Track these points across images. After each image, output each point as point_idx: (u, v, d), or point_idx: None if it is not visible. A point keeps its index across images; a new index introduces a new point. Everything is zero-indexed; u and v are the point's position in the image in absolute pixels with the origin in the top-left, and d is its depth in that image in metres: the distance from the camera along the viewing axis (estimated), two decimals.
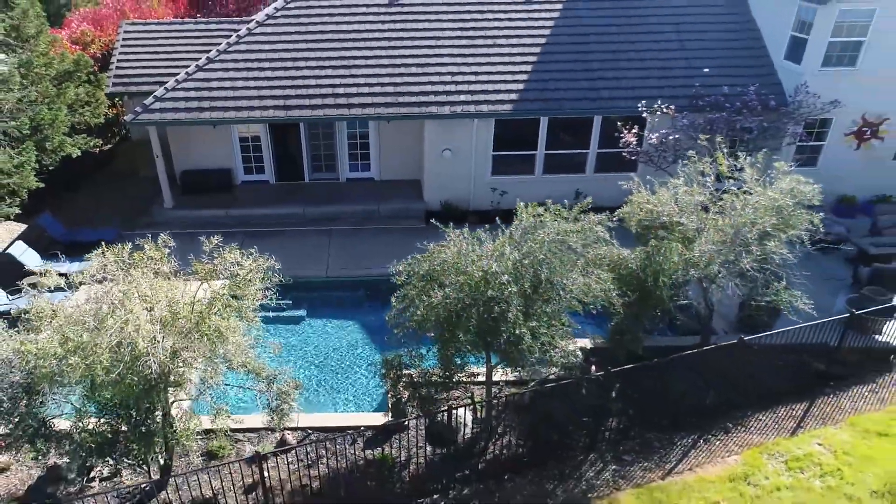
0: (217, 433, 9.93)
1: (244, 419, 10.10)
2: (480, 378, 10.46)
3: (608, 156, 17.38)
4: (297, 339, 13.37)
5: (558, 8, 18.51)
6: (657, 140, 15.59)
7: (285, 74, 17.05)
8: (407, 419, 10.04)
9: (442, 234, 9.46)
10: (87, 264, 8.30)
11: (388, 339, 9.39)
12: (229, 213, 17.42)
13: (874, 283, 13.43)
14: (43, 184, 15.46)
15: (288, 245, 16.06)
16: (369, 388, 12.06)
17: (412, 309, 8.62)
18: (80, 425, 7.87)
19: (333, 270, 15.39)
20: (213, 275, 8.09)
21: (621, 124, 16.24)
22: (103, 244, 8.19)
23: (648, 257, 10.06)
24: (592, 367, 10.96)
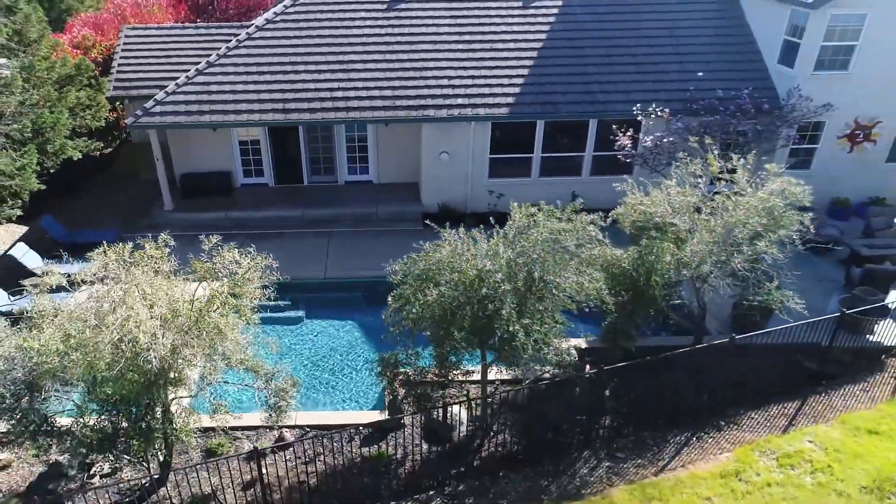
0: (216, 431, 10.08)
1: (242, 416, 10.23)
2: (476, 377, 10.59)
3: (604, 158, 17.56)
4: (296, 340, 13.52)
5: (554, 13, 18.73)
6: (652, 143, 15.76)
7: (284, 78, 17.24)
8: (403, 415, 10.17)
9: (439, 236, 9.62)
10: (89, 264, 8.45)
11: (385, 338, 9.53)
12: (229, 216, 17.58)
13: (866, 284, 13.58)
14: (44, 186, 15.64)
15: (287, 247, 16.21)
16: (367, 388, 12.20)
17: (408, 307, 8.77)
18: (82, 421, 8.01)
19: (332, 272, 15.54)
20: (212, 273, 8.24)
21: (617, 127, 16.43)
22: (105, 244, 8.34)
23: (641, 257, 10.22)
24: (587, 367, 11.10)
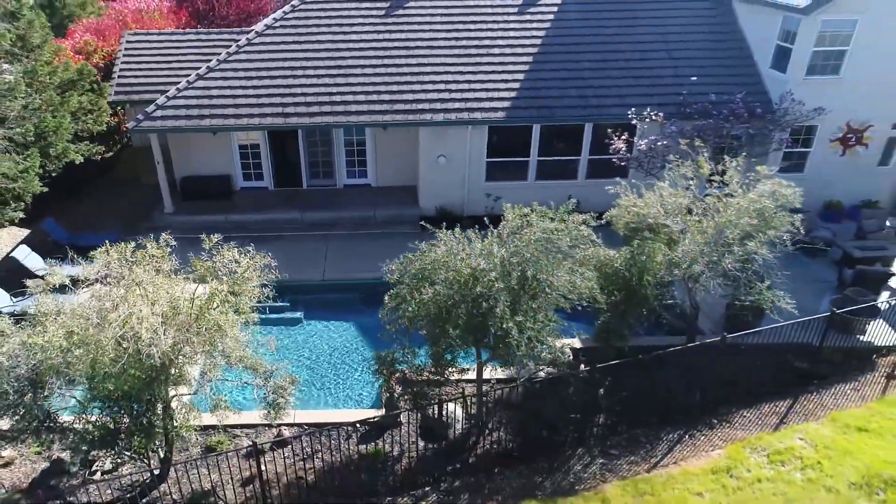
0: (216, 429, 10.25)
1: (241, 414, 10.39)
2: (471, 376, 10.74)
3: (599, 162, 17.75)
4: (295, 340, 13.68)
5: (550, 18, 18.97)
6: (646, 146, 15.97)
7: (284, 83, 17.45)
8: (399, 412, 10.33)
9: (435, 238, 9.80)
10: (92, 263, 8.62)
11: (382, 336, 9.71)
12: (229, 219, 17.76)
13: (858, 285, 13.78)
14: (47, 189, 15.83)
15: (286, 249, 16.36)
16: (364, 387, 12.36)
17: (404, 305, 8.95)
18: (84, 416, 8.17)
19: (330, 274, 15.72)
20: (212, 272, 8.42)
21: (612, 131, 16.63)
22: (107, 243, 8.52)
23: (633, 257, 10.40)
24: (581, 366, 11.26)
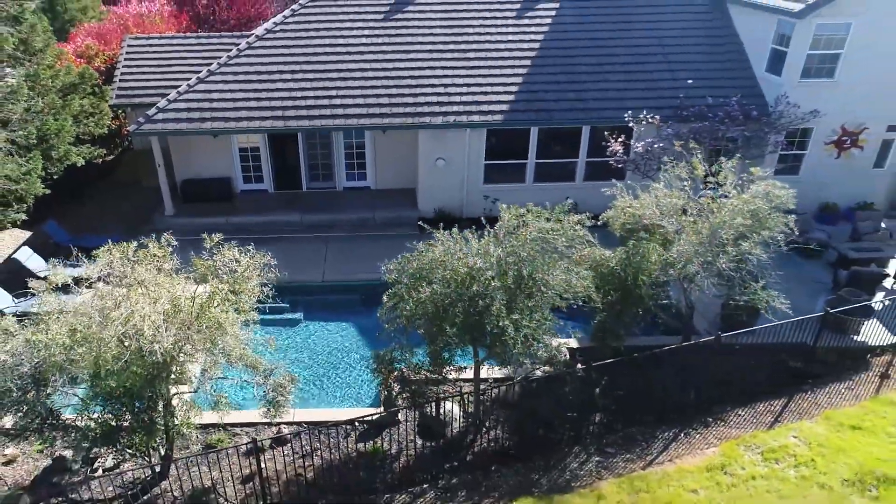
0: (216, 427, 10.37)
1: (242, 412, 10.51)
2: (469, 375, 10.86)
3: (597, 164, 17.89)
4: (295, 341, 13.81)
5: (548, 23, 19.14)
6: (643, 149, 16.12)
7: (284, 86, 17.61)
8: (397, 409, 10.44)
9: (434, 238, 9.92)
10: (95, 263, 8.76)
11: (380, 336, 9.84)
12: (229, 221, 17.88)
13: (852, 286, 13.90)
14: (49, 191, 15.96)
15: (286, 251, 16.33)
16: (363, 386, 12.48)
17: (402, 304, 9.07)
18: (87, 413, 8.28)
19: (330, 275, 15.85)
20: (213, 271, 8.55)
21: (609, 134, 16.79)
22: (110, 242, 8.66)
23: (628, 257, 10.53)
24: (578, 365, 11.37)
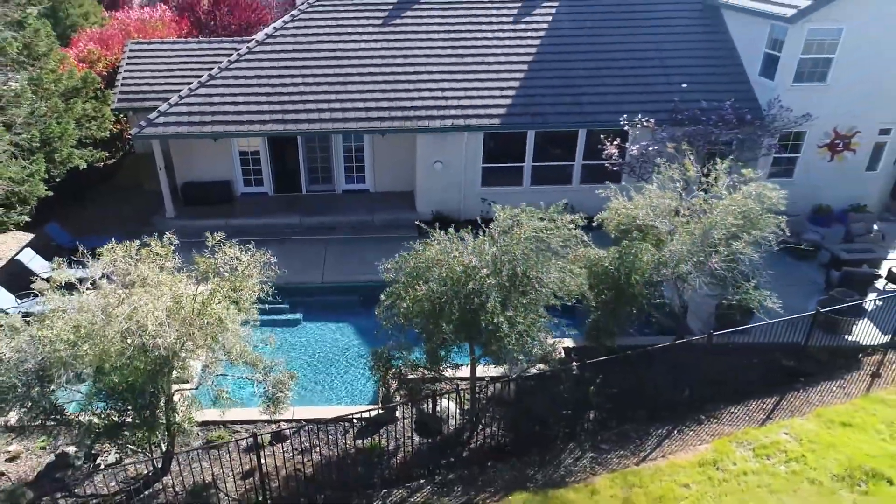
0: (217, 424, 10.54)
1: (242, 409, 10.71)
2: (465, 373, 11.02)
3: (593, 167, 18.11)
4: (294, 341, 13.98)
5: (544, 28, 19.39)
6: (638, 152, 16.33)
7: (284, 90, 17.84)
8: (395, 404, 10.61)
9: (430, 238, 10.12)
10: (98, 261, 8.95)
11: (378, 334, 10.03)
12: (229, 223, 18.05)
13: (844, 286, 14.09)
14: (52, 193, 16.16)
15: (286, 253, 16.38)
16: (361, 385, 12.65)
17: (399, 302, 9.26)
18: (90, 408, 8.45)
19: (329, 276, 16.03)
20: (214, 269, 8.73)
21: (604, 137, 16.99)
22: (113, 241, 8.85)
23: (620, 256, 10.71)
24: (573, 364, 11.55)
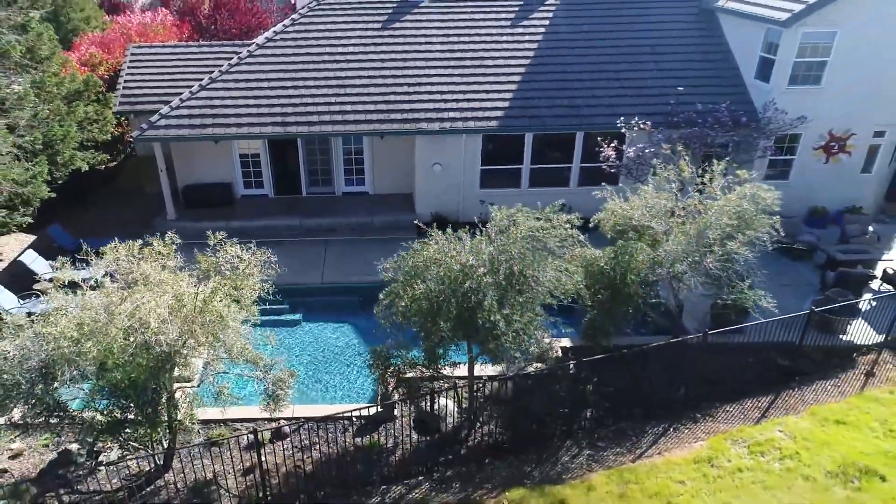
0: (217, 422, 10.65)
1: (242, 408, 10.82)
2: (463, 372, 11.15)
3: (591, 169, 18.24)
4: (294, 340, 14.11)
5: (541, 31, 19.57)
6: (634, 154, 16.48)
7: (284, 93, 18.00)
8: (394, 401, 10.74)
9: (429, 239, 10.26)
10: (100, 260, 9.09)
11: (377, 333, 10.16)
12: (230, 225, 18.12)
13: (840, 287, 14.23)
14: (54, 194, 16.31)
15: (286, 254, 16.51)
16: (360, 384, 12.77)
17: (397, 301, 9.39)
18: (93, 405, 8.58)
19: (329, 277, 16.17)
20: (215, 267, 8.87)
21: (602, 140, 17.14)
22: (116, 240, 9.00)
23: (616, 256, 10.85)
24: (570, 362, 11.68)
